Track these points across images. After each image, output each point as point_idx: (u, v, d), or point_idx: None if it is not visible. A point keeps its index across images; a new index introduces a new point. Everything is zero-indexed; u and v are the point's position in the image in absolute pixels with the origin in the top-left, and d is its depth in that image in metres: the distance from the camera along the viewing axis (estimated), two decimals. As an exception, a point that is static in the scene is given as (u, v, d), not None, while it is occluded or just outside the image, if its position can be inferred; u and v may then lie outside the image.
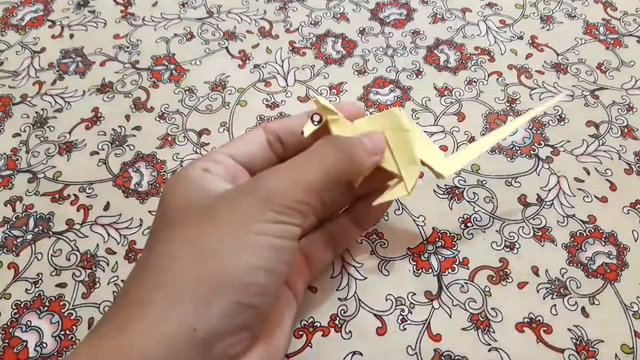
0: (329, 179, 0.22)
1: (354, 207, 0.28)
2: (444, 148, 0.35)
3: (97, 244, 0.31)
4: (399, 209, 0.32)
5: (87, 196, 0.33)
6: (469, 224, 0.31)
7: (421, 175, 0.33)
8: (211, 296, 0.19)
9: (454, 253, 0.30)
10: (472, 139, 0.35)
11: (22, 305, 0.29)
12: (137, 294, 0.20)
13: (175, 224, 0.21)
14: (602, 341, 0.27)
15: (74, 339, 0.28)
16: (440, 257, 0.30)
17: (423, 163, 0.26)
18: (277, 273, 0.21)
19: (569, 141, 0.35)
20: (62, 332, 0.28)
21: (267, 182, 0.21)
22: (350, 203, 0.28)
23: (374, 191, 0.27)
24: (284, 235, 0.21)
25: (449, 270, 0.30)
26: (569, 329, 0.28)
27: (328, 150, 0.23)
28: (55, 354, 0.27)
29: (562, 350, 0.27)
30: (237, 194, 0.21)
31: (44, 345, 0.28)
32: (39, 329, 0.28)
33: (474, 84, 0.38)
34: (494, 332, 0.27)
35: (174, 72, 0.39)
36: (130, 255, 0.31)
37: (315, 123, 0.24)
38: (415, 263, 0.30)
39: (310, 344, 0.27)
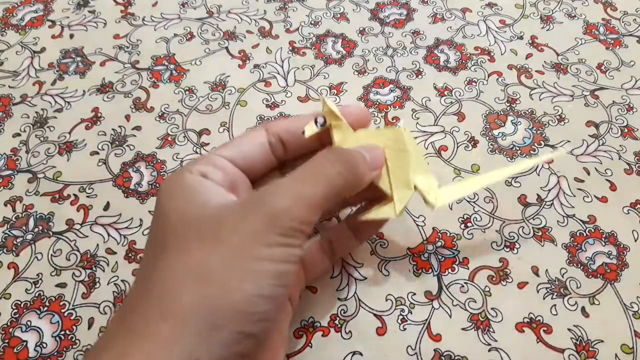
0: (332, 195, 0.22)
1: (352, 217, 0.27)
2: (444, 148, 0.35)
3: (97, 244, 0.31)
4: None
5: (87, 196, 0.33)
6: (469, 224, 0.31)
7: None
8: (215, 327, 0.19)
9: (454, 253, 0.30)
10: (472, 139, 0.35)
11: (22, 305, 0.29)
12: (141, 322, 0.19)
13: (177, 241, 0.20)
14: (602, 341, 0.27)
15: (73, 339, 0.28)
16: (440, 257, 0.30)
17: (416, 188, 0.25)
18: (279, 298, 0.21)
19: (569, 141, 0.35)
20: (62, 332, 0.28)
21: (272, 201, 0.20)
22: (340, 209, 0.28)
23: (372, 201, 0.26)
24: (287, 260, 0.20)
25: (449, 270, 0.30)
26: (569, 329, 0.28)
27: (332, 164, 0.22)
28: (55, 354, 0.27)
29: (562, 351, 0.27)
30: (241, 212, 0.20)
31: (44, 345, 0.28)
32: (39, 329, 0.28)
33: (474, 84, 0.38)
34: (494, 332, 0.27)
35: (174, 72, 0.39)
36: (130, 255, 0.31)
37: (319, 125, 0.24)
38: (415, 263, 0.30)
39: (310, 344, 0.27)
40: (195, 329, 0.18)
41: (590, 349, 0.27)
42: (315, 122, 0.24)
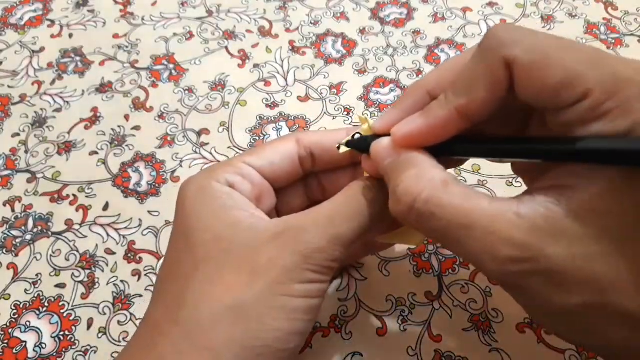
0: (365, 232, 0.21)
1: None
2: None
3: (97, 244, 0.31)
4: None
5: (87, 196, 0.33)
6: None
7: None
8: None
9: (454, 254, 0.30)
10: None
11: (21, 306, 0.29)
12: (172, 351, 0.19)
13: (209, 266, 0.20)
14: (603, 342, 0.27)
15: (73, 340, 0.28)
16: (440, 257, 0.30)
17: None
18: (308, 332, 0.21)
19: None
20: (62, 333, 0.28)
21: (307, 238, 0.20)
22: None
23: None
24: (318, 295, 0.20)
25: (450, 270, 0.29)
26: (570, 330, 0.27)
27: (367, 201, 0.21)
28: (55, 354, 0.27)
29: (563, 351, 0.27)
30: (276, 244, 0.20)
31: (43, 345, 0.28)
32: (38, 329, 0.28)
33: (474, 83, 0.38)
34: (494, 332, 0.27)
35: (173, 71, 0.39)
36: (129, 255, 0.31)
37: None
38: (415, 264, 0.30)
39: (310, 345, 0.27)
40: None
41: (591, 349, 0.27)
42: (352, 138, 0.23)
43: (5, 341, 0.28)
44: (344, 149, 0.23)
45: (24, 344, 0.28)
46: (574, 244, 0.16)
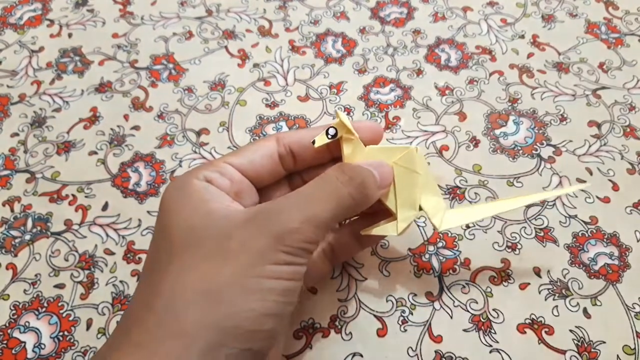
0: (340, 215, 0.22)
1: (355, 223, 0.27)
2: (445, 148, 0.34)
3: (96, 245, 0.31)
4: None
5: (86, 196, 0.33)
6: (470, 225, 0.31)
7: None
8: (221, 345, 0.19)
9: (455, 254, 0.30)
10: (473, 139, 0.35)
11: (20, 306, 0.29)
12: (146, 337, 0.19)
13: (182, 255, 0.20)
14: (604, 342, 0.27)
15: (72, 340, 0.28)
16: (441, 257, 0.30)
17: (421, 210, 0.25)
18: (285, 315, 0.21)
19: (571, 141, 0.35)
20: (61, 333, 0.28)
21: (281, 220, 0.20)
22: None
23: (374, 213, 0.26)
24: (293, 277, 0.20)
25: (450, 271, 0.29)
26: (570, 330, 0.27)
27: (344, 184, 0.22)
28: (54, 354, 0.27)
29: (563, 352, 0.27)
30: (249, 229, 0.20)
31: (42, 346, 0.28)
32: (37, 330, 0.28)
33: (475, 83, 0.38)
34: (495, 333, 0.27)
35: (172, 71, 0.39)
36: (128, 256, 0.30)
37: (329, 136, 0.24)
38: (416, 264, 0.30)
39: (310, 345, 0.27)
40: (201, 348, 0.18)
41: (592, 350, 0.27)
42: (327, 132, 0.24)
43: (5, 342, 0.28)
44: (319, 143, 0.24)
45: (23, 344, 0.28)
46: None
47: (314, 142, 0.24)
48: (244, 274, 0.19)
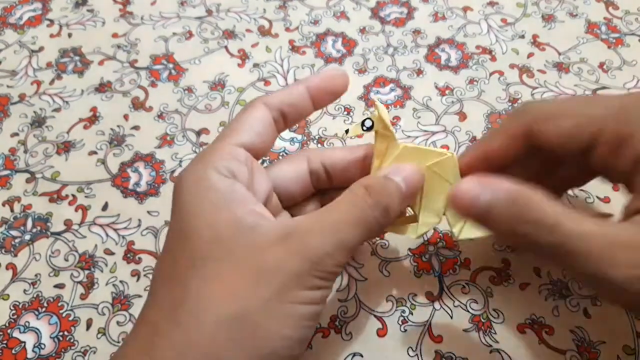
0: (367, 237, 0.21)
1: None
2: (445, 148, 0.34)
3: (96, 245, 0.31)
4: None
5: (86, 196, 0.33)
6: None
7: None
8: None
9: (455, 254, 0.30)
10: (473, 139, 0.35)
11: (20, 306, 0.29)
12: (172, 355, 0.18)
13: (208, 264, 0.19)
14: (604, 342, 0.27)
15: (72, 340, 0.28)
16: (441, 257, 0.30)
17: (444, 217, 0.24)
18: (309, 339, 0.21)
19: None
20: (61, 333, 0.28)
21: (315, 242, 0.20)
22: None
23: None
24: (322, 302, 0.20)
25: (450, 271, 0.29)
26: (570, 330, 0.27)
27: (372, 208, 0.21)
28: (54, 355, 0.27)
29: (563, 352, 0.27)
30: (284, 246, 0.19)
31: (42, 346, 0.28)
32: (37, 330, 0.28)
33: (475, 83, 0.38)
34: (495, 333, 0.27)
35: (172, 71, 0.39)
36: (128, 256, 0.30)
37: (365, 128, 0.23)
38: (416, 264, 0.30)
39: (310, 345, 0.27)
40: None
41: (592, 350, 0.27)
42: (363, 124, 0.23)
43: (4, 342, 0.28)
44: (352, 133, 0.23)
45: (23, 344, 0.28)
46: None
47: (347, 132, 0.23)
48: (279, 298, 0.19)
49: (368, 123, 0.23)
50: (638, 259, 0.18)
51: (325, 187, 0.25)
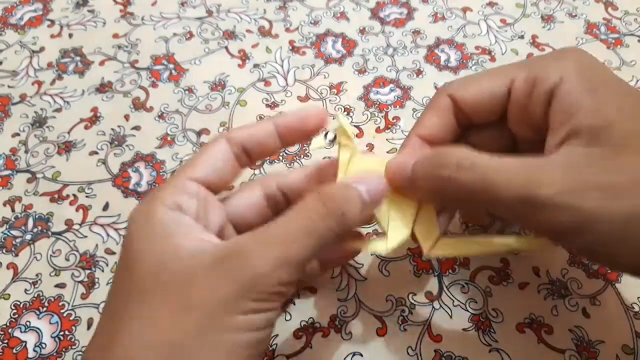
0: (321, 249, 0.20)
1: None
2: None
3: (97, 244, 0.31)
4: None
5: (87, 196, 0.33)
6: (470, 224, 0.31)
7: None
8: None
9: (454, 253, 0.30)
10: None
11: (21, 306, 0.29)
12: None
13: (144, 301, 0.19)
14: (603, 342, 0.27)
15: (73, 340, 0.28)
16: (441, 257, 0.30)
17: (413, 234, 0.23)
18: None
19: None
20: (62, 333, 0.28)
21: (251, 264, 0.18)
22: None
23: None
24: (264, 326, 0.19)
25: (450, 270, 0.29)
26: (569, 330, 0.27)
27: (323, 219, 0.20)
28: (55, 354, 0.27)
29: (562, 351, 0.27)
30: (215, 273, 0.18)
31: (43, 345, 0.28)
32: (38, 329, 0.28)
33: (474, 83, 0.38)
34: (494, 332, 0.27)
35: (173, 71, 0.39)
36: (129, 255, 0.31)
37: (327, 141, 0.23)
38: (415, 264, 0.30)
39: (310, 345, 0.27)
40: None
41: (591, 349, 0.27)
42: (325, 136, 0.23)
43: (5, 341, 0.28)
44: (315, 147, 0.23)
45: (24, 344, 0.28)
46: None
47: (309, 144, 0.23)
48: (209, 326, 0.18)
49: (330, 135, 0.23)
50: (567, 175, 0.18)
51: (247, 165, 0.24)
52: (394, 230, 0.23)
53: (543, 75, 0.21)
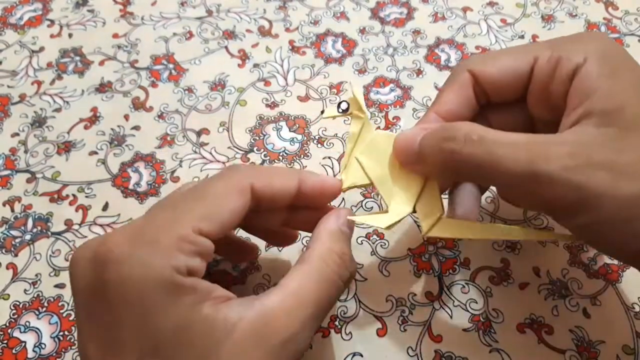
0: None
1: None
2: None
3: (96, 245, 0.31)
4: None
5: (86, 196, 0.33)
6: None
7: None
8: None
9: (455, 254, 0.30)
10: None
11: (20, 306, 0.29)
12: None
13: None
14: (604, 342, 0.27)
15: (72, 340, 0.28)
16: (441, 257, 0.30)
17: (414, 211, 0.23)
18: None
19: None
20: (61, 333, 0.28)
21: (279, 329, 0.18)
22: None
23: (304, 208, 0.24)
24: None
25: (450, 271, 0.29)
26: (570, 330, 0.27)
27: (343, 280, 0.21)
28: (54, 354, 0.27)
29: (563, 351, 0.27)
30: (244, 342, 0.18)
31: (43, 346, 0.28)
32: (38, 329, 0.28)
33: (474, 83, 0.38)
34: (495, 333, 0.27)
35: (173, 71, 0.39)
36: (129, 255, 0.30)
37: (340, 110, 0.23)
38: (415, 264, 0.30)
39: (310, 345, 0.27)
40: None
41: (592, 349, 0.27)
42: (338, 106, 0.23)
43: (5, 341, 0.28)
44: (328, 114, 0.23)
45: (23, 344, 0.28)
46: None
47: (322, 112, 0.23)
48: None
49: (344, 105, 0.23)
50: (574, 152, 0.18)
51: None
52: (396, 205, 0.23)
53: (567, 55, 0.21)
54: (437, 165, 0.21)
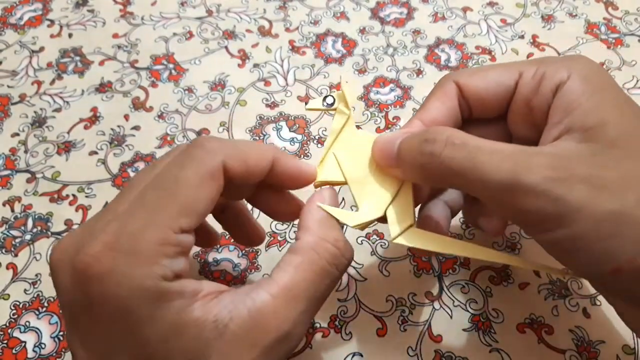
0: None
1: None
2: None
3: (96, 245, 0.31)
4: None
5: (86, 196, 0.33)
6: (470, 225, 0.31)
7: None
8: None
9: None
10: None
11: (20, 306, 0.29)
12: None
13: None
14: (604, 342, 0.27)
15: (72, 340, 0.28)
16: (441, 257, 0.30)
17: (385, 216, 0.22)
18: None
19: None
20: (61, 333, 0.28)
21: (271, 326, 0.18)
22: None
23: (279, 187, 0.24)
24: None
25: (450, 271, 0.29)
26: (570, 330, 0.27)
27: (338, 269, 0.21)
28: (54, 354, 0.27)
29: (563, 352, 0.27)
30: (234, 341, 0.18)
31: (43, 345, 0.28)
32: (38, 329, 0.28)
33: (474, 83, 0.38)
34: (495, 333, 0.27)
35: (173, 71, 0.39)
36: (129, 255, 0.30)
37: (325, 104, 0.23)
38: (415, 264, 0.30)
39: (310, 345, 0.27)
40: None
41: (592, 349, 0.27)
42: (324, 99, 0.23)
43: (5, 341, 0.28)
44: (311, 106, 0.23)
45: (23, 344, 0.28)
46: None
47: (306, 104, 0.23)
48: None
49: (329, 100, 0.23)
50: (555, 164, 0.18)
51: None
52: (366, 208, 0.22)
53: (552, 71, 0.21)
54: (415, 169, 0.21)
